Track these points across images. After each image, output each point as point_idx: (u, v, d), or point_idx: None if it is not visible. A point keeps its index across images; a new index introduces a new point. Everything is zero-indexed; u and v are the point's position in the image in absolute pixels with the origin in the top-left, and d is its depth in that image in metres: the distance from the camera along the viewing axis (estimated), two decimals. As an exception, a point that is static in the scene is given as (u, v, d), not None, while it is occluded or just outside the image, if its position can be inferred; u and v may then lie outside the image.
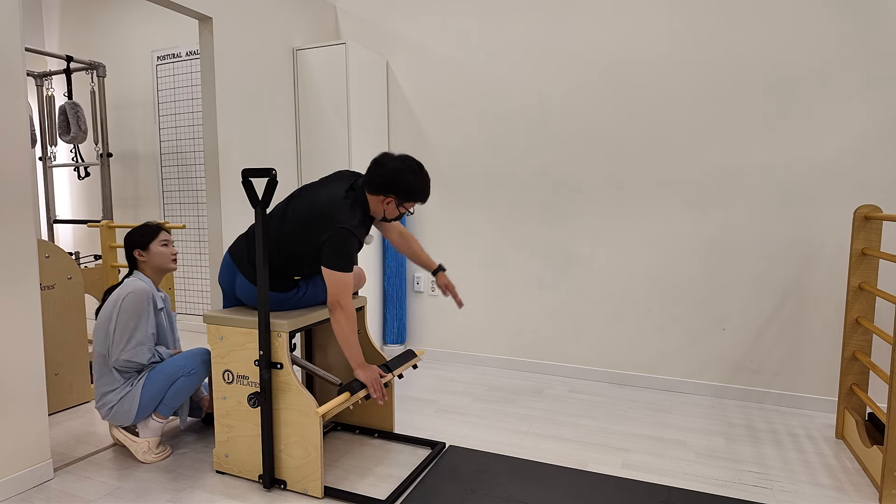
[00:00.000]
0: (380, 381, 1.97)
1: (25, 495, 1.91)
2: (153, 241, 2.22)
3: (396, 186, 1.95)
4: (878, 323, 2.56)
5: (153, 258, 2.21)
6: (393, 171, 1.94)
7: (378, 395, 1.96)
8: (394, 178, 1.94)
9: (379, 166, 1.96)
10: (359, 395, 1.93)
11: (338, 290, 1.89)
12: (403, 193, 1.97)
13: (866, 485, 1.99)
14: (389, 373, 2.10)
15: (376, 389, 1.95)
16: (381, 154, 2.00)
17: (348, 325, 1.91)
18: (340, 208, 1.92)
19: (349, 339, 1.92)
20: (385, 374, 2.06)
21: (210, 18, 2.68)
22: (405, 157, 1.98)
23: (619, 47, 2.89)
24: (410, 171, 1.95)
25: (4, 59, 1.85)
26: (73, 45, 4.52)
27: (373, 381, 1.95)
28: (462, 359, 3.40)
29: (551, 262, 3.14)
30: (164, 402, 2.13)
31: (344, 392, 1.91)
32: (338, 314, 1.90)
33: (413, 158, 2.00)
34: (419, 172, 1.98)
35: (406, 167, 1.95)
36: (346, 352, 1.93)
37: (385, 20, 3.42)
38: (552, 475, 2.03)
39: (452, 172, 3.33)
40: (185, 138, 4.11)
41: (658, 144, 2.85)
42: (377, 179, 1.95)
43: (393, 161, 1.96)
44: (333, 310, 1.90)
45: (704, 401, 2.79)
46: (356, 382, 1.95)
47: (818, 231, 2.61)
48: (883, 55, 2.45)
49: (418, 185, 1.97)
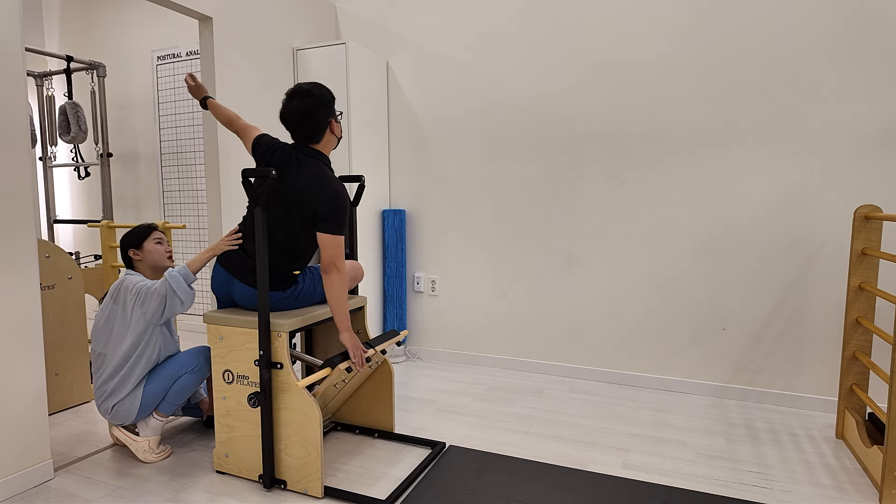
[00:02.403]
0: (360, 346, 2.01)
1: (25, 495, 1.91)
2: (146, 239, 2.23)
3: (327, 110, 2.02)
4: (878, 323, 2.56)
5: (148, 256, 2.22)
6: (315, 106, 1.99)
7: (358, 362, 1.99)
8: (322, 105, 2.00)
9: (304, 117, 1.99)
10: (339, 367, 1.95)
11: (335, 252, 1.95)
12: (331, 108, 2.05)
13: (866, 485, 1.99)
14: (371, 348, 2.11)
15: (356, 354, 1.99)
16: (286, 109, 2.02)
17: (342, 286, 1.97)
18: (329, 177, 1.99)
19: (340, 301, 1.96)
20: (367, 350, 2.09)
21: (210, 18, 2.68)
22: (294, 91, 2.01)
23: (619, 47, 2.89)
24: (308, 90, 2.00)
25: (4, 59, 1.85)
26: (74, 45, 4.52)
27: (354, 345, 1.99)
28: (462, 359, 3.40)
29: (551, 262, 3.14)
30: (166, 400, 2.13)
31: (325, 367, 1.93)
32: (333, 275, 1.95)
33: (299, 87, 2.02)
34: (311, 83, 2.04)
35: (303, 92, 1.99)
36: (335, 314, 1.97)
37: (385, 20, 3.42)
38: (552, 475, 2.03)
39: (452, 172, 3.33)
40: (185, 138, 4.11)
41: (658, 144, 2.85)
42: (312, 124, 2.00)
43: (298, 101, 1.99)
44: (329, 271, 1.95)
45: (704, 401, 2.79)
46: (336, 357, 1.98)
47: (818, 231, 2.61)
48: (883, 55, 2.44)
49: (329, 92, 2.05)
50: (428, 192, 3.41)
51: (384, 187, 3.45)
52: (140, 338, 2.09)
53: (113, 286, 2.15)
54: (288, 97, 2.02)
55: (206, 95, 2.38)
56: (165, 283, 2.04)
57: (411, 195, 3.46)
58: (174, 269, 2.05)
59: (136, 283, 2.09)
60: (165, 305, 2.06)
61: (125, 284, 2.11)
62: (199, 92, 2.39)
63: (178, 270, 2.05)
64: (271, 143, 2.11)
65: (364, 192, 2.56)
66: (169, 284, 2.03)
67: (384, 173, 3.44)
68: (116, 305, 2.11)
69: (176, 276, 2.04)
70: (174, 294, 2.04)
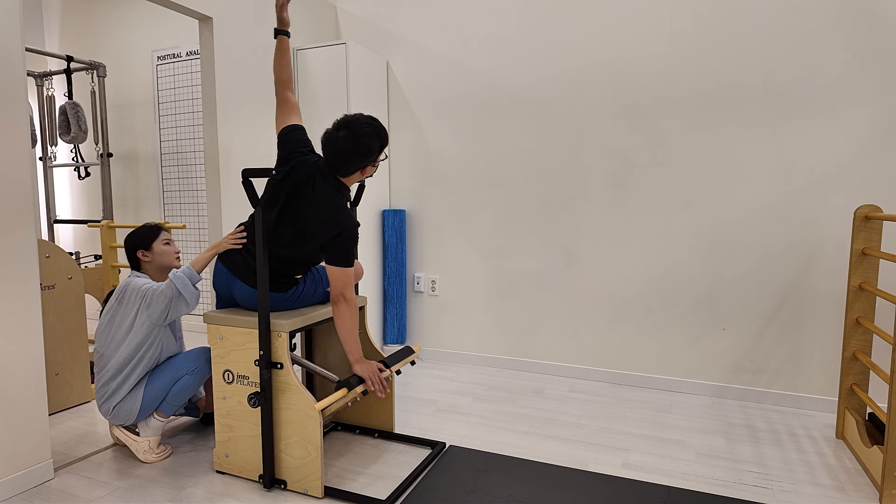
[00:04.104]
0: (378, 374, 1.97)
1: (25, 495, 1.91)
2: (156, 240, 2.23)
3: (364, 155, 1.93)
4: (879, 323, 2.56)
5: (157, 257, 2.22)
6: (353, 151, 1.90)
7: (378, 388, 1.96)
8: (357, 152, 1.91)
9: (339, 156, 1.90)
10: (356, 390, 1.93)
11: (343, 283, 1.91)
12: (372, 158, 1.96)
13: (866, 485, 1.99)
14: (388, 368, 2.09)
15: (375, 382, 1.95)
16: (329, 136, 1.92)
17: (351, 317, 1.93)
18: (342, 209, 1.93)
19: (350, 332, 1.94)
20: (384, 369, 2.07)
21: (210, 18, 2.68)
22: (353, 128, 1.90)
23: (620, 47, 2.89)
24: (365, 137, 1.90)
25: (4, 59, 1.85)
26: (74, 45, 4.52)
27: (371, 373, 1.96)
28: (462, 359, 3.40)
29: (551, 262, 3.14)
30: (167, 400, 2.13)
31: (341, 388, 1.91)
32: (341, 307, 1.92)
33: (359, 122, 1.91)
34: (373, 132, 1.92)
35: (360, 136, 1.89)
36: (345, 345, 1.94)
37: (385, 20, 3.42)
38: (552, 475, 2.03)
39: (453, 172, 3.33)
40: (185, 138, 4.11)
41: (658, 143, 2.85)
42: (348, 163, 1.92)
43: (346, 140, 1.89)
44: (337, 302, 1.91)
45: (704, 401, 2.79)
46: (353, 378, 1.95)
47: (818, 231, 2.61)
48: (883, 55, 2.44)
49: (380, 143, 1.96)
50: (428, 192, 3.41)
51: (384, 187, 3.45)
52: (144, 340, 2.09)
53: (118, 288, 2.15)
54: (336, 126, 1.92)
55: (285, 31, 2.17)
56: (171, 284, 2.03)
57: (411, 195, 3.46)
58: (178, 270, 2.05)
59: (142, 286, 2.09)
60: (171, 307, 2.05)
61: (131, 287, 2.11)
62: (282, 20, 2.16)
63: (182, 271, 2.04)
64: (297, 148, 2.04)
65: (364, 192, 2.55)
66: (174, 286, 2.03)
67: (384, 173, 3.44)
68: (121, 307, 2.11)
69: (181, 277, 2.03)
70: (180, 295, 2.04)
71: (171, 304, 2.05)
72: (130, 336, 2.09)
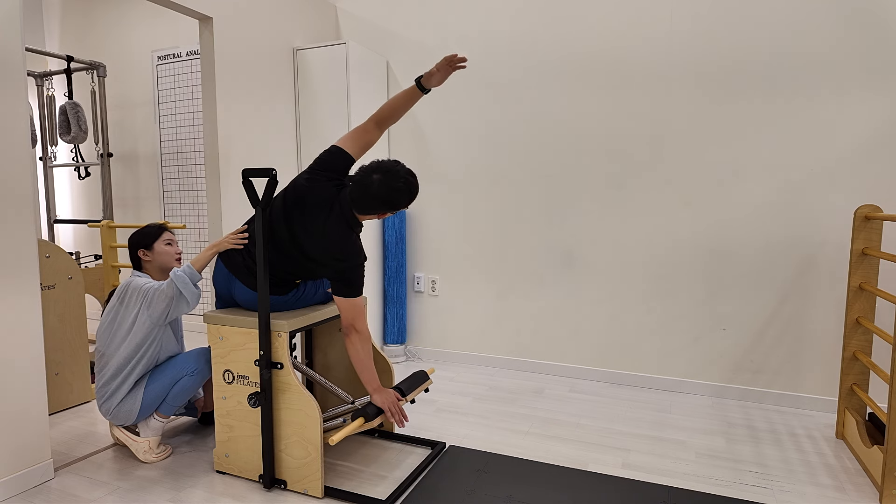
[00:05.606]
0: (398, 405, 1.94)
1: (25, 495, 1.91)
2: (157, 240, 2.23)
3: (391, 206, 1.89)
4: (879, 323, 2.56)
5: (158, 257, 2.22)
6: (380, 200, 1.85)
7: (398, 420, 1.94)
8: (386, 202, 1.87)
9: (366, 197, 1.85)
10: (374, 422, 1.89)
11: (353, 314, 1.90)
12: (391, 209, 1.91)
13: (866, 485, 1.99)
14: (404, 397, 2.03)
15: (394, 413, 1.92)
16: (364, 174, 1.86)
17: (363, 348, 1.92)
18: (352, 244, 1.91)
19: (365, 363, 1.92)
20: (401, 398, 2.01)
21: (210, 18, 2.68)
22: (388, 178, 1.84)
23: (620, 46, 2.89)
24: (397, 192, 1.85)
25: (4, 59, 1.85)
26: (74, 45, 4.52)
27: (391, 404, 1.92)
28: (462, 359, 3.40)
29: (551, 262, 3.14)
30: (167, 401, 2.13)
31: (358, 417, 1.87)
32: (353, 338, 1.91)
33: (396, 174, 1.85)
34: (406, 189, 1.87)
35: (393, 189, 1.84)
36: (361, 375, 1.93)
37: (385, 20, 3.42)
38: (552, 475, 2.03)
39: (452, 172, 3.33)
40: (186, 138, 4.11)
41: (658, 143, 2.85)
42: (371, 207, 1.87)
43: (380, 187, 1.84)
44: (349, 334, 1.91)
45: (704, 401, 2.79)
46: (371, 407, 1.90)
47: (818, 231, 2.61)
48: (883, 54, 2.44)
49: (408, 201, 1.91)
50: (428, 192, 3.40)
51: (384, 187, 3.44)
52: (144, 339, 2.09)
53: (120, 287, 2.15)
54: (375, 167, 1.86)
55: (426, 88, 2.00)
56: (172, 284, 2.03)
57: (411, 195, 3.45)
58: (179, 270, 2.05)
59: (144, 286, 2.09)
60: (172, 306, 2.05)
61: (132, 286, 2.11)
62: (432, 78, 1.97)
63: (183, 270, 2.04)
64: (326, 171, 1.95)
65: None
66: (175, 285, 2.03)
67: (384, 173, 3.44)
68: (122, 307, 2.11)
69: (182, 277, 2.03)
70: (180, 295, 2.04)
71: (171, 304, 2.04)
72: (131, 335, 2.09)
